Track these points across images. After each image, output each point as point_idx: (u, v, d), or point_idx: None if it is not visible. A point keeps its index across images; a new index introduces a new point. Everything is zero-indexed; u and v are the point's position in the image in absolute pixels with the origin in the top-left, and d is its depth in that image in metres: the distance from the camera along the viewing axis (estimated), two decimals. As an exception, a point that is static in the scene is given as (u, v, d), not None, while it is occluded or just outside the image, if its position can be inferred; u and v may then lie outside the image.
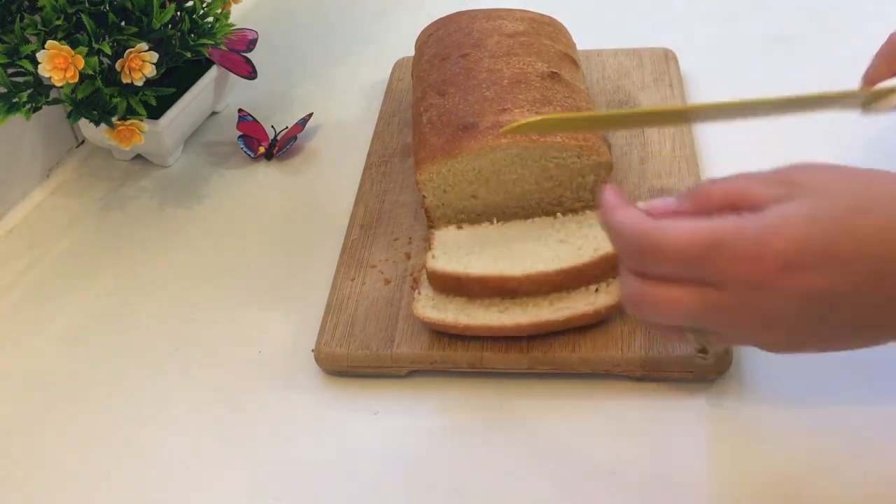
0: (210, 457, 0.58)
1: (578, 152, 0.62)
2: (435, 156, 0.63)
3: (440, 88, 0.67)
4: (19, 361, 0.66)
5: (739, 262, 0.40)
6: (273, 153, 0.80)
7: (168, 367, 0.64)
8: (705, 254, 0.41)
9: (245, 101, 0.86)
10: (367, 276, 0.65)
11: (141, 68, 0.68)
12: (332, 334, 0.61)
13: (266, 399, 0.60)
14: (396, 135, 0.78)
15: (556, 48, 0.70)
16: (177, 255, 0.73)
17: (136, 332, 0.67)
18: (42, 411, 0.62)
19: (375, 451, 0.56)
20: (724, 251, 0.41)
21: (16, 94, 0.68)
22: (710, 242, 0.41)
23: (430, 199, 0.65)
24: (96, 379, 0.64)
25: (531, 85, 0.65)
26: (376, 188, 0.73)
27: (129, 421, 0.61)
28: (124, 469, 0.58)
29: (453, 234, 0.63)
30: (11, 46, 0.66)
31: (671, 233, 0.42)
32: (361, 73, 0.90)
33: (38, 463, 0.59)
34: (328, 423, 0.58)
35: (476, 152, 0.62)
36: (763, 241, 0.40)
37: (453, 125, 0.63)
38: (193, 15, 0.73)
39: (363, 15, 0.99)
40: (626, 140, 0.73)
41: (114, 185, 0.81)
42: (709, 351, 0.47)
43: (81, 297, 0.70)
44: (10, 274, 0.73)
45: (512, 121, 0.62)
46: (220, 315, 0.67)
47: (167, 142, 0.79)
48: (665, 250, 0.42)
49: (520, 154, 0.62)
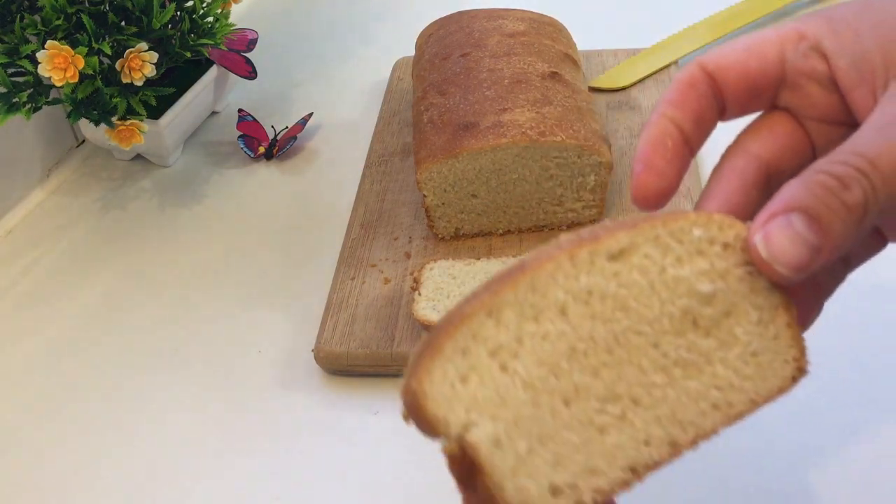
0: (210, 456, 0.58)
1: (579, 152, 0.62)
2: (435, 155, 0.63)
3: (441, 88, 0.67)
4: (19, 361, 0.66)
5: None
6: (273, 153, 0.80)
7: (168, 367, 0.64)
8: None
9: (245, 101, 0.86)
10: (367, 276, 0.65)
11: (141, 68, 0.68)
12: (332, 333, 0.61)
13: (266, 399, 0.60)
14: (396, 134, 0.78)
15: (557, 48, 0.70)
16: (176, 255, 0.73)
17: (136, 332, 0.67)
18: (41, 411, 0.62)
19: (375, 450, 0.56)
20: None
21: (16, 94, 0.68)
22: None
23: (430, 198, 0.65)
24: (96, 379, 0.64)
25: (532, 84, 0.65)
26: (376, 187, 0.73)
27: (128, 421, 0.60)
28: (124, 469, 0.58)
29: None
30: (11, 46, 0.66)
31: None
32: (361, 73, 0.90)
33: (37, 463, 0.59)
34: (328, 422, 0.58)
35: (477, 152, 0.62)
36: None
37: (454, 124, 0.63)
38: (193, 15, 0.73)
39: (363, 15, 0.99)
40: (627, 140, 0.73)
41: (114, 185, 0.81)
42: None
43: (81, 297, 0.70)
44: (10, 274, 0.73)
45: (512, 120, 0.62)
46: (220, 315, 0.67)
47: (167, 142, 0.79)
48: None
49: (520, 153, 0.62)
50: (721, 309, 0.34)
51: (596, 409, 0.32)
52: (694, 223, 0.34)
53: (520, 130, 0.62)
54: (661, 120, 0.37)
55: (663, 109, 0.38)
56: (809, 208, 0.32)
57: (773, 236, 0.33)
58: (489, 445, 0.31)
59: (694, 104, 0.37)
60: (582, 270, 0.32)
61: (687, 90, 0.38)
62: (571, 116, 0.63)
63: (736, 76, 0.38)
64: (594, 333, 0.32)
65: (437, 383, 0.31)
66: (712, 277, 0.34)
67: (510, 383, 0.31)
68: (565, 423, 0.32)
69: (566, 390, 0.32)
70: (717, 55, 0.38)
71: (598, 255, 0.33)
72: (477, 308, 0.31)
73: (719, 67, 0.38)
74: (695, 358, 0.34)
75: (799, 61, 0.37)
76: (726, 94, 0.38)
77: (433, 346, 0.31)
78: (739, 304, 0.34)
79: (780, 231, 0.33)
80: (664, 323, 0.33)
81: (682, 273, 0.33)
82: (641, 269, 0.33)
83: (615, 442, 0.32)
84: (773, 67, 0.38)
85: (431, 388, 0.31)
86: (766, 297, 0.34)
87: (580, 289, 0.32)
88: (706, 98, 0.38)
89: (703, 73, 0.38)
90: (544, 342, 0.32)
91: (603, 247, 0.33)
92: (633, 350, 0.33)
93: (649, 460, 0.33)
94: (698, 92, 0.37)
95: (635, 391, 0.33)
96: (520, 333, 0.32)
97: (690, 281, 0.34)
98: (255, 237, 0.73)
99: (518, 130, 0.62)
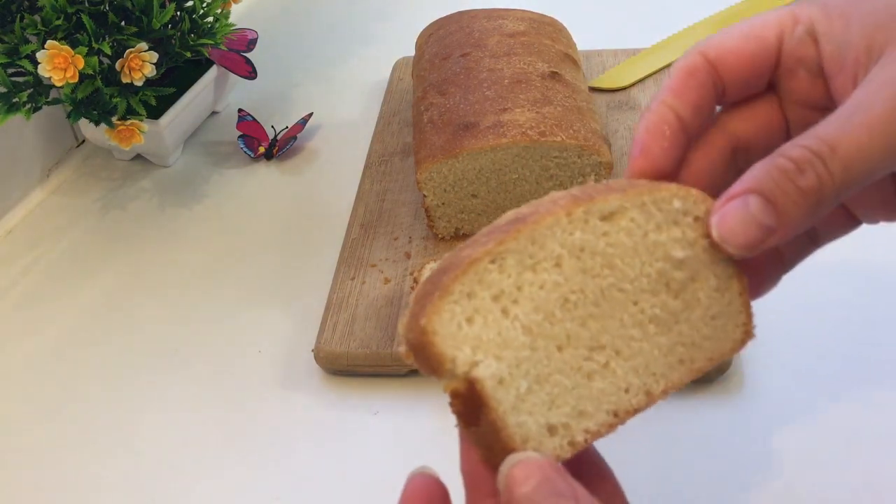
0: (210, 456, 0.58)
1: (579, 152, 0.62)
2: (435, 155, 0.63)
3: (441, 88, 0.67)
4: (19, 361, 0.66)
5: None
6: (273, 153, 0.80)
7: (168, 367, 0.64)
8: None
9: (245, 101, 0.86)
10: (368, 276, 0.65)
11: (141, 68, 0.68)
12: (332, 333, 0.61)
13: (266, 398, 0.60)
14: (396, 134, 0.78)
15: (557, 48, 0.70)
16: (176, 255, 0.73)
17: (136, 332, 0.67)
18: (41, 411, 0.62)
19: (375, 451, 0.56)
20: None
21: (16, 94, 0.68)
22: None
23: (430, 198, 0.65)
24: (96, 378, 0.64)
25: (532, 84, 0.65)
26: (376, 187, 0.73)
27: (128, 420, 0.60)
28: (124, 468, 0.58)
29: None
30: (11, 46, 0.66)
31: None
32: (361, 73, 0.90)
33: (37, 463, 0.59)
34: (328, 422, 0.58)
35: (477, 152, 0.62)
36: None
37: (454, 124, 0.63)
38: (193, 15, 0.73)
39: (363, 15, 0.99)
40: (627, 140, 0.72)
41: (114, 185, 0.81)
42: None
43: (81, 298, 0.70)
44: (10, 274, 0.73)
45: (512, 120, 0.62)
46: (220, 315, 0.67)
47: (167, 142, 0.79)
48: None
49: (520, 154, 0.62)
50: (689, 274, 0.37)
51: (584, 356, 0.36)
52: (675, 195, 0.37)
53: (520, 130, 0.62)
54: (660, 107, 0.38)
55: (663, 97, 0.38)
56: (765, 191, 0.34)
57: (726, 218, 0.35)
58: (493, 383, 0.34)
59: (693, 93, 0.38)
60: (577, 227, 0.35)
61: (687, 79, 0.38)
62: (571, 116, 0.63)
63: (736, 62, 0.38)
64: (584, 287, 0.35)
65: (446, 322, 0.33)
66: (683, 245, 0.37)
67: (511, 327, 0.34)
68: (558, 367, 0.35)
69: (559, 337, 0.35)
70: (718, 42, 0.38)
71: (592, 214, 0.35)
72: (483, 254, 0.34)
73: (720, 55, 0.38)
74: (666, 316, 0.37)
75: (794, 45, 0.38)
76: (726, 80, 0.38)
77: (442, 286, 0.33)
78: (702, 272, 0.37)
79: (734, 212, 0.35)
80: (643, 282, 0.36)
81: (660, 238, 0.36)
82: (628, 231, 0.36)
83: (600, 388, 0.36)
84: (771, 52, 0.38)
85: (441, 326, 0.33)
86: (724, 267, 0.37)
87: (574, 244, 0.35)
88: (706, 87, 0.38)
89: (703, 60, 0.38)
90: (541, 291, 0.35)
91: (597, 206, 0.35)
92: (616, 305, 0.36)
93: (629, 406, 0.36)
94: (698, 80, 0.38)
95: (617, 343, 0.36)
96: (520, 281, 0.34)
97: (667, 246, 0.37)
98: (255, 237, 0.73)
99: (518, 130, 0.62)
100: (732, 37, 0.38)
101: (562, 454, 0.35)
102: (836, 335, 0.58)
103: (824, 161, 0.33)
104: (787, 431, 0.54)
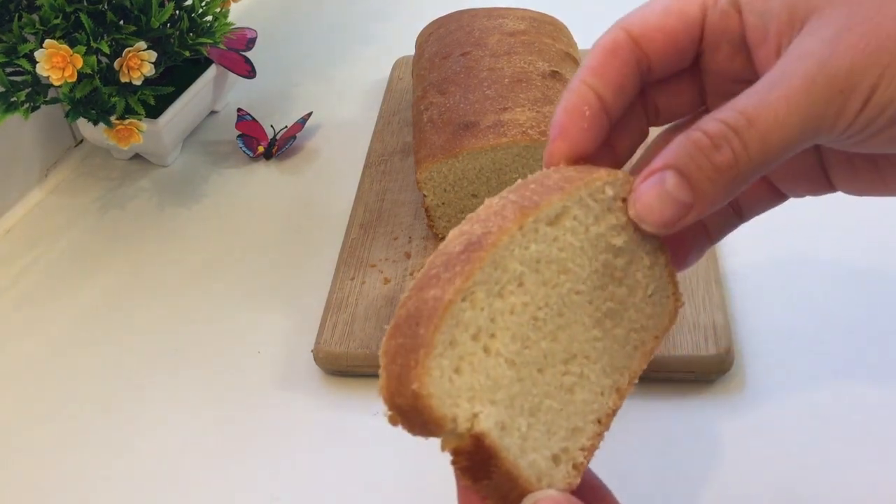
0: (209, 456, 0.57)
1: (579, 151, 0.62)
2: (435, 154, 0.63)
3: (441, 87, 0.67)
4: (18, 361, 0.66)
5: None
6: (272, 152, 0.80)
7: (167, 367, 0.63)
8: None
9: (244, 101, 0.86)
10: (367, 276, 0.65)
11: (139, 67, 0.68)
12: (332, 334, 0.61)
13: (265, 399, 0.60)
14: (396, 134, 0.78)
15: (558, 47, 0.70)
16: (176, 255, 0.73)
17: (135, 332, 0.66)
18: (40, 411, 0.62)
19: (375, 451, 0.56)
20: None
21: (14, 93, 0.68)
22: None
23: (430, 198, 0.65)
24: (96, 378, 0.63)
25: (532, 84, 0.65)
26: (376, 187, 0.73)
27: (127, 421, 0.60)
28: (123, 469, 0.57)
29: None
30: (9, 45, 0.66)
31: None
32: (361, 72, 0.89)
33: (36, 463, 0.59)
34: (327, 423, 0.58)
35: (477, 151, 0.62)
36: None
37: (454, 124, 0.63)
38: (192, 14, 0.73)
39: (363, 14, 0.99)
40: (627, 139, 0.72)
41: (112, 185, 0.81)
42: None
43: (80, 297, 0.70)
44: (8, 274, 0.73)
45: (513, 120, 0.62)
46: (220, 315, 0.67)
47: (166, 141, 0.79)
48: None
49: (521, 153, 0.62)
50: (627, 259, 0.37)
51: (562, 371, 0.35)
52: (606, 182, 0.36)
53: (520, 130, 0.61)
54: (580, 87, 0.37)
55: (583, 76, 0.37)
56: (680, 167, 0.33)
57: (643, 196, 0.34)
58: (497, 430, 0.32)
59: (615, 72, 0.37)
60: (530, 239, 0.34)
61: (609, 57, 0.37)
62: (572, 116, 0.63)
63: (660, 38, 0.37)
64: (548, 299, 0.34)
65: (437, 381, 0.31)
66: (619, 231, 0.36)
67: (496, 364, 0.33)
68: (544, 391, 0.34)
69: (538, 359, 0.34)
70: (640, 17, 0.37)
71: (541, 221, 0.34)
72: (454, 294, 0.32)
73: (643, 31, 0.37)
74: (616, 307, 0.37)
75: (717, 18, 0.37)
76: (651, 57, 0.37)
77: (423, 342, 0.31)
78: (637, 252, 0.37)
79: (650, 189, 0.34)
80: (594, 279, 0.36)
81: (600, 230, 0.36)
82: (573, 231, 0.35)
83: (582, 399, 0.35)
84: (694, 27, 0.37)
85: (433, 386, 0.31)
86: (651, 243, 0.37)
87: (531, 258, 0.34)
88: (628, 65, 0.37)
89: (626, 37, 0.37)
90: (512, 316, 0.33)
91: (543, 213, 0.34)
92: (576, 309, 0.35)
93: (608, 409, 0.36)
94: (621, 59, 0.37)
95: (585, 348, 0.36)
96: (492, 312, 0.33)
97: (606, 236, 0.36)
98: (255, 237, 0.73)
99: (518, 130, 0.61)
100: (654, 12, 0.37)
101: (572, 482, 0.34)
102: (836, 335, 0.58)
103: (741, 135, 0.32)
104: (787, 431, 0.54)
